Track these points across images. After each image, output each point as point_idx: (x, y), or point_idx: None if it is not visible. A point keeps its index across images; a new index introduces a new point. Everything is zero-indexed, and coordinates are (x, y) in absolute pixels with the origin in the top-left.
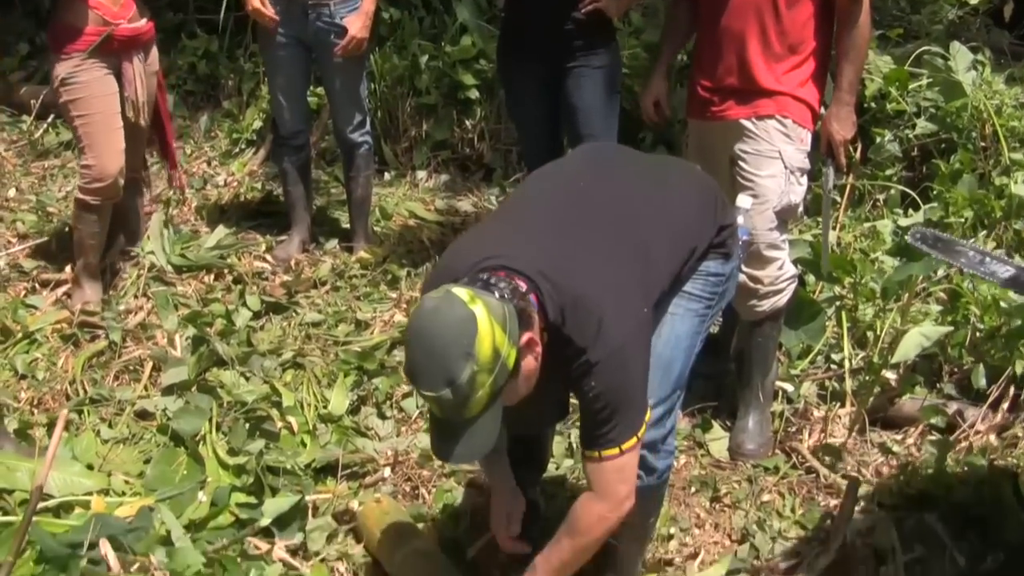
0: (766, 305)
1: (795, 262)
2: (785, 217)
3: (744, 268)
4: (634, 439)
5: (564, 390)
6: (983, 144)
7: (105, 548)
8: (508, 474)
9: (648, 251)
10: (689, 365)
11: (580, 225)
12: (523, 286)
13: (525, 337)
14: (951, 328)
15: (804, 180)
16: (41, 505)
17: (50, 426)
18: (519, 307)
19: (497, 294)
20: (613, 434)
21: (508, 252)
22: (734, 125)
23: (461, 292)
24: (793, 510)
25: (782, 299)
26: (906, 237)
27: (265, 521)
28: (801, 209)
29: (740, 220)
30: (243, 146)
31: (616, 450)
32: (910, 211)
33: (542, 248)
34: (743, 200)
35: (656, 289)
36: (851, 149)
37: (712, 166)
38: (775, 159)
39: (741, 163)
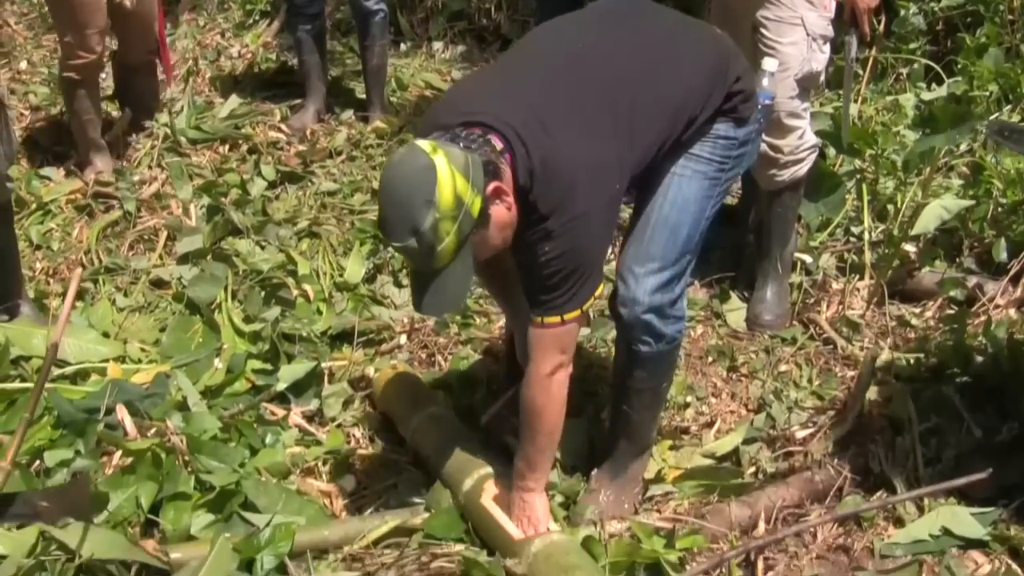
0: (786, 175)
1: (816, 134)
2: (806, 85)
3: (764, 137)
4: (578, 311)
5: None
6: (1011, 18)
7: (122, 413)
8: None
9: (635, 123)
10: (699, 230)
11: (569, 90)
12: (499, 144)
13: (491, 186)
14: (972, 202)
15: (826, 48)
16: (57, 372)
17: (65, 295)
18: (485, 158)
19: (463, 144)
20: (559, 302)
21: (492, 109)
22: None
23: (424, 144)
24: (810, 380)
25: (802, 169)
26: (982, 131)
27: (281, 386)
28: (823, 79)
29: (765, 83)
30: (257, 17)
31: (558, 319)
32: (933, 85)
33: (526, 109)
34: (768, 63)
35: (641, 159)
36: (875, 20)
37: (734, 33)
38: (797, 26)
39: (763, 30)
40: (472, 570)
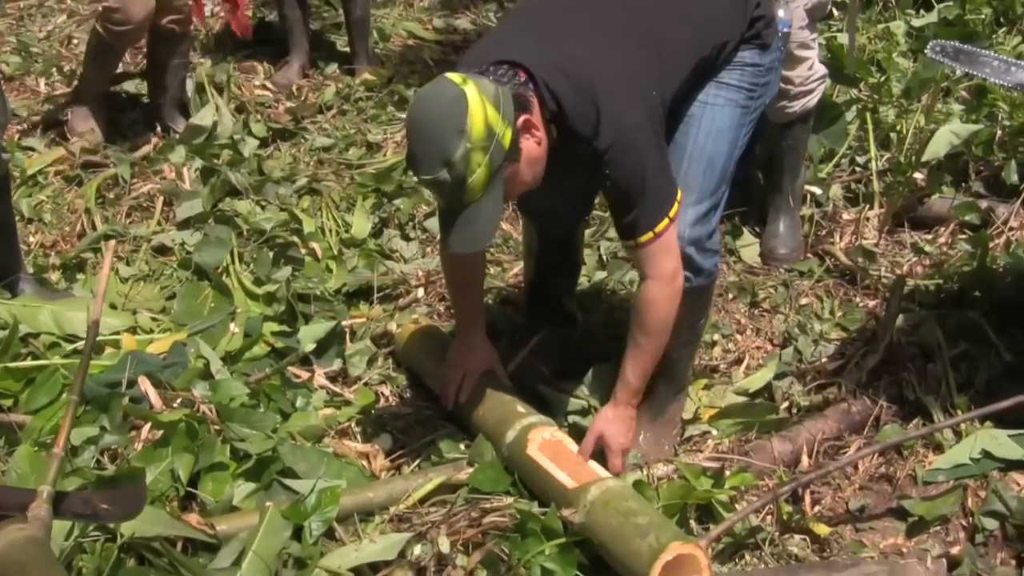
0: (797, 106)
1: None
2: (815, 15)
3: None
4: (666, 220)
5: (588, 187)
6: None
7: (145, 385)
8: (481, 317)
9: (661, 42)
10: (734, 159)
11: (589, 14)
12: (522, 76)
13: (521, 119)
14: (981, 126)
15: None
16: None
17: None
18: (515, 91)
19: (492, 78)
20: (643, 219)
21: (514, 49)
22: None
23: (454, 76)
24: (832, 312)
25: (812, 100)
26: (925, 51)
27: (308, 347)
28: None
29: (780, 13)
30: None
31: (651, 234)
32: (922, 12)
33: (544, 41)
34: None
35: (671, 79)
36: None
37: None
38: None
39: None
40: (528, 522)
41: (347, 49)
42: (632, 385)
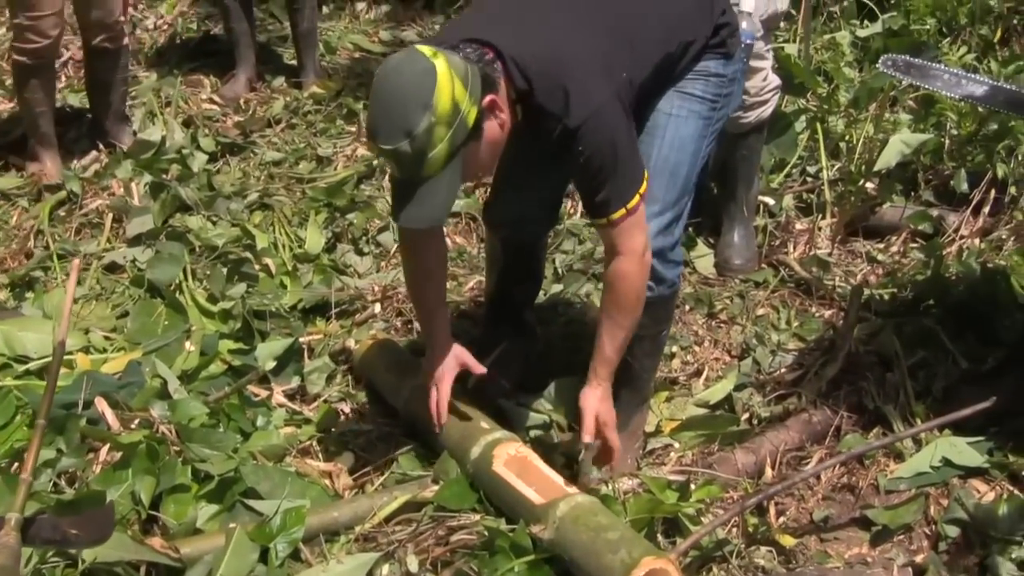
0: (752, 116)
1: None
2: (770, 25)
3: None
4: (636, 197)
5: (558, 180)
6: None
7: (102, 406)
8: (446, 324)
9: (630, 28)
10: (696, 170)
11: (557, 2)
12: (490, 55)
13: (488, 99)
14: (931, 135)
15: None
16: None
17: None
18: (483, 70)
19: (462, 55)
20: (615, 196)
21: (481, 31)
22: None
23: (424, 48)
24: (789, 322)
25: (767, 110)
26: (877, 66)
27: (269, 365)
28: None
29: (744, 25)
30: None
31: (623, 211)
32: (866, 22)
33: (515, 22)
34: (746, 3)
35: (639, 65)
36: None
37: None
38: None
39: None
40: (496, 539)
41: (294, 62)
42: (612, 360)
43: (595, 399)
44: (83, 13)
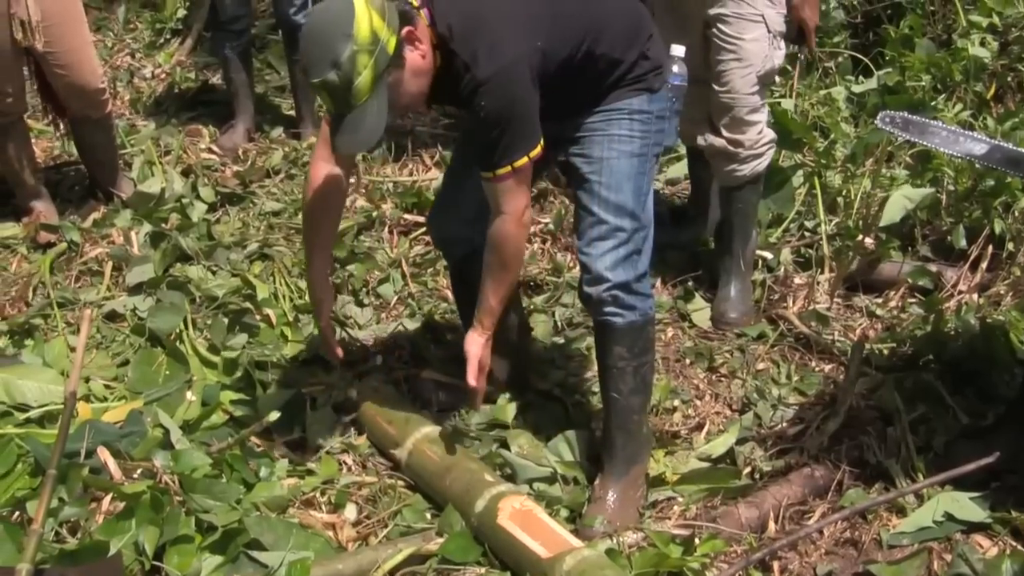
0: (746, 170)
1: None
2: (766, 81)
3: (724, 133)
4: (525, 159)
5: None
6: (932, 8)
7: (104, 455)
8: (324, 266)
9: (555, 7)
10: (645, 205)
11: None
12: (417, 1)
13: (405, 30)
14: (933, 190)
15: (783, 45)
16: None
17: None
18: (400, 7)
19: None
20: (503, 153)
21: None
22: None
23: None
24: (789, 377)
25: (762, 164)
26: (875, 122)
27: (273, 416)
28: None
29: (675, 68)
30: (168, 36)
31: (508, 168)
32: (861, 78)
33: None
34: (676, 49)
35: (556, 42)
36: None
37: (681, 27)
38: (758, 23)
39: (722, 26)
40: None
41: (292, 112)
42: (495, 310)
43: (478, 345)
44: (57, 83)
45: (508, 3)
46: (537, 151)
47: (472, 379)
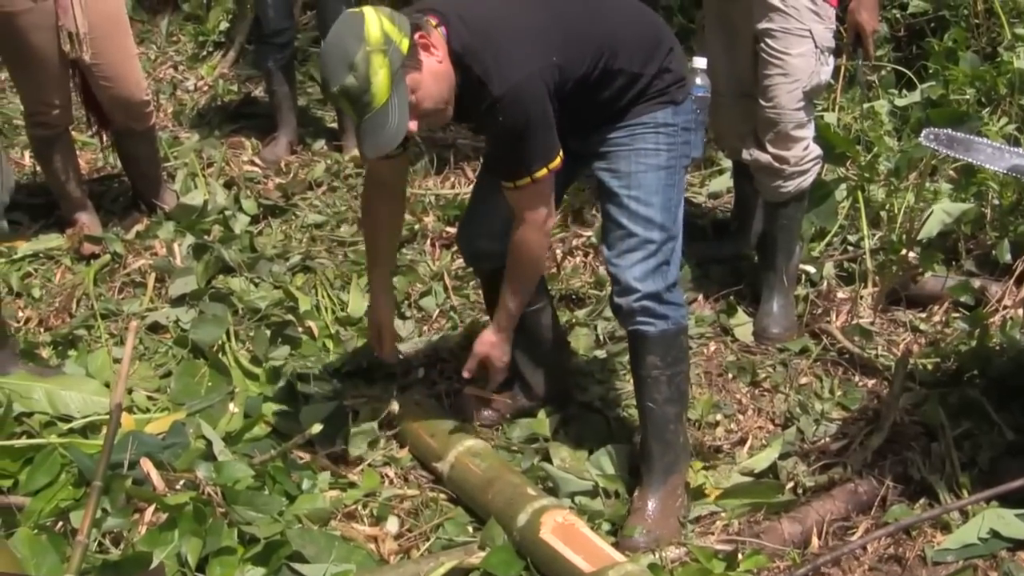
0: (791, 186)
1: None
2: (813, 97)
3: (770, 148)
4: (544, 170)
5: None
6: (976, 22)
7: (147, 466)
8: (385, 279)
9: (570, 17)
10: (672, 216)
11: None
12: (434, 20)
13: (418, 34)
14: (973, 205)
15: (831, 60)
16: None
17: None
18: (412, 18)
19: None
20: (523, 164)
21: (426, 3)
22: (760, 1)
23: (358, 9)
24: (832, 391)
25: (807, 180)
26: (919, 140)
27: (316, 429)
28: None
29: (698, 80)
30: (211, 48)
31: (528, 179)
32: (904, 92)
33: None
34: (698, 60)
35: (574, 54)
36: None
37: (732, 43)
38: (806, 38)
39: (769, 40)
40: None
41: (335, 125)
42: (513, 314)
43: (487, 343)
44: (101, 95)
45: (522, 21)
46: (557, 163)
47: (466, 372)
